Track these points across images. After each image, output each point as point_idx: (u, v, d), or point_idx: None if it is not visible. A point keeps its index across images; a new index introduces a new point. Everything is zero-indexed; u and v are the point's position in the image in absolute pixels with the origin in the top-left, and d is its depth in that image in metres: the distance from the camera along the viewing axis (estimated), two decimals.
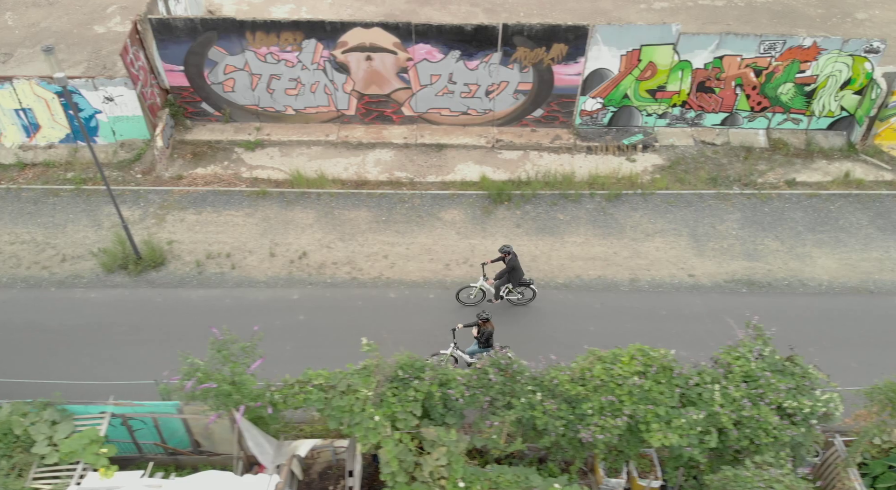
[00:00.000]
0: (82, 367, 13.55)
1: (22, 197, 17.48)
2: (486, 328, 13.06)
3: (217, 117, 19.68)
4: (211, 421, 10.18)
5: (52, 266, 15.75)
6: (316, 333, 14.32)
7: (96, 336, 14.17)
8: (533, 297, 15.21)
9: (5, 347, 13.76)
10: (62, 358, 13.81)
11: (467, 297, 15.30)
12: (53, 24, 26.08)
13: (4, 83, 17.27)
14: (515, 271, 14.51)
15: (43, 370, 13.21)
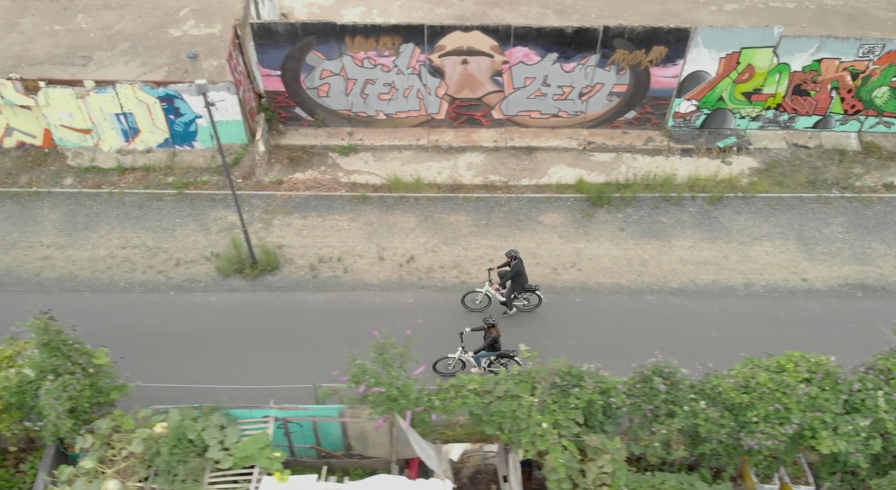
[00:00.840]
0: (213, 370, 13.67)
1: (126, 201, 17.72)
2: (492, 333, 13.24)
3: (309, 122, 19.82)
4: (379, 425, 10.31)
5: (167, 270, 15.97)
6: (436, 337, 14.35)
7: (223, 339, 14.35)
8: (539, 304, 15.19)
9: (134, 351, 13.93)
10: (194, 361, 13.98)
11: (472, 302, 15.32)
12: (127, 27, 26.33)
13: (107, 87, 17.52)
14: (520, 276, 14.58)
15: (178, 374, 13.37)
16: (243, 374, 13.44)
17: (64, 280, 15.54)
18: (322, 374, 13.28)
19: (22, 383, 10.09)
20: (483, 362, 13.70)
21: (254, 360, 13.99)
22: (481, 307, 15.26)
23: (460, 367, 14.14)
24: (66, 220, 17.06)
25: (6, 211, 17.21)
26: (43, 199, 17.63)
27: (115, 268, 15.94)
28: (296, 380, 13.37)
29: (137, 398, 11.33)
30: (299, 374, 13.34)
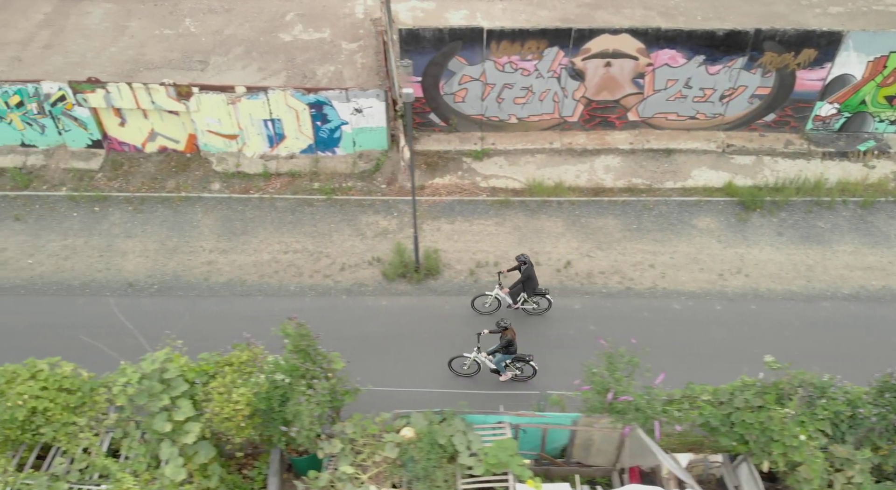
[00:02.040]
0: (399, 373, 13.80)
1: (277, 206, 17.93)
2: (507, 335, 13.26)
3: (441, 128, 19.93)
4: (625, 433, 10.35)
5: (334, 274, 16.13)
6: (619, 344, 14.24)
7: (403, 343, 14.43)
8: (548, 308, 15.17)
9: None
10: (380, 364, 14.04)
11: (482, 306, 15.40)
12: (237, 31, 26.60)
13: (259, 94, 17.71)
14: (530, 280, 14.52)
15: (370, 377, 13.38)
16: (433, 378, 13.56)
17: (234, 284, 15.77)
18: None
19: (272, 389, 10.26)
20: (503, 365, 13.76)
21: (438, 364, 14.08)
22: (491, 310, 15.36)
23: (475, 368, 14.29)
24: (223, 225, 17.31)
25: (160, 216, 17.50)
26: (194, 204, 17.90)
27: (282, 272, 16.14)
28: (490, 386, 13.55)
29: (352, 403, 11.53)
30: (494, 380, 13.68)
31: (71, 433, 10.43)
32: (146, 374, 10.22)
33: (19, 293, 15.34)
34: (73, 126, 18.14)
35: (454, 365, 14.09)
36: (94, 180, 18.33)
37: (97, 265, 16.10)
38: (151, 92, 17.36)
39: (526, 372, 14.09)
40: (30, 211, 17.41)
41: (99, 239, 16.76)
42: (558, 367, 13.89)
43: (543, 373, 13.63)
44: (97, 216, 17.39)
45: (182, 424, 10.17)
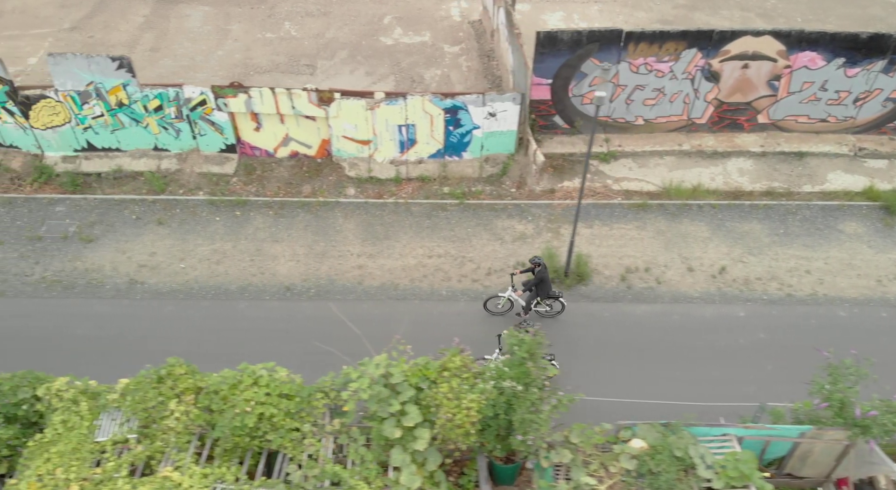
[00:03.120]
0: (577, 380, 13.54)
1: (412, 211, 17.96)
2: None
3: (564, 130, 19.85)
4: (872, 447, 10.21)
5: (481, 279, 16.12)
6: (794, 353, 14.12)
7: (570, 350, 14.31)
8: (562, 310, 15.23)
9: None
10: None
11: (495, 307, 15.45)
12: (338, 35, 26.71)
13: (398, 99, 17.73)
14: (544, 283, 14.45)
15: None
16: (617, 388, 13.47)
17: (387, 288, 15.82)
18: (692, 389, 13.38)
19: (498, 395, 10.26)
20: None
21: (606, 371, 14.01)
22: (503, 311, 15.42)
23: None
24: (364, 230, 17.38)
25: (303, 220, 17.61)
26: (333, 209, 17.99)
27: (431, 276, 16.16)
28: (663, 395, 13.45)
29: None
30: (668, 389, 13.57)
31: (295, 439, 10.52)
32: (374, 379, 10.27)
33: (178, 297, 15.51)
34: (209, 130, 18.31)
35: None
36: (230, 185, 18.49)
37: (250, 269, 16.24)
38: (293, 97, 17.43)
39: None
40: (171, 215, 17.61)
41: (246, 243, 16.91)
42: (740, 378, 13.84)
43: (727, 384, 13.57)
44: (239, 220, 17.54)
45: (411, 430, 10.21)
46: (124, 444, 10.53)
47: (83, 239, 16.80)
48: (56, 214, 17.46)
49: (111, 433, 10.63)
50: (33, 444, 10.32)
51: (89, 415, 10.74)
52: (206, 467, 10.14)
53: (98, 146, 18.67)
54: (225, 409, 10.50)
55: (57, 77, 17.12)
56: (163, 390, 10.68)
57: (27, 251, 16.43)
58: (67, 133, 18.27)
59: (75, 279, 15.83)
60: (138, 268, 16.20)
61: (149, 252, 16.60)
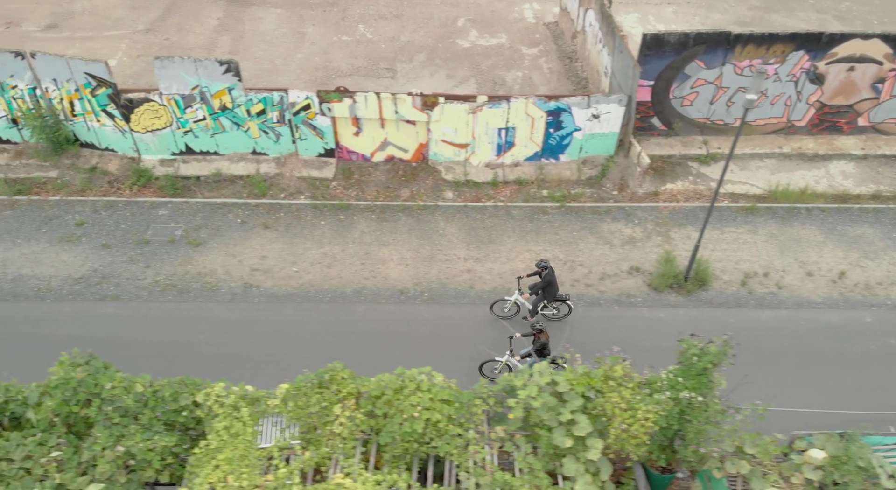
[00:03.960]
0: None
1: (513, 214, 17.82)
2: (541, 338, 13.19)
3: (661, 132, 19.65)
4: None
5: (595, 284, 15.96)
6: None
7: None
8: (568, 313, 15.09)
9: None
10: None
11: (501, 310, 15.24)
12: (413, 37, 26.65)
13: (500, 103, 17.60)
14: (551, 286, 14.33)
15: None
16: (769, 396, 13.23)
17: (499, 293, 15.63)
18: (831, 396, 13.10)
19: (672, 406, 10.09)
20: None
21: (755, 380, 13.69)
22: (510, 315, 15.17)
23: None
24: (467, 233, 17.26)
25: (405, 224, 17.53)
26: (433, 213, 17.90)
27: None
28: (804, 402, 13.19)
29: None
30: (807, 397, 13.29)
31: (459, 446, 10.40)
32: (542, 387, 10.13)
33: (295, 301, 15.46)
34: (309, 135, 18.28)
35: (485, 369, 14.18)
36: (330, 189, 18.44)
37: (362, 273, 16.17)
38: (398, 102, 17.35)
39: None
40: (276, 219, 17.59)
41: (354, 247, 16.85)
42: (877, 384, 13.54)
43: (864, 391, 13.28)
44: (344, 224, 17.49)
45: (582, 440, 10.05)
46: (290, 451, 10.47)
47: (191, 243, 16.82)
48: (160, 218, 17.50)
49: (274, 439, 10.59)
50: (199, 451, 10.26)
51: (250, 421, 10.69)
52: (378, 474, 10.04)
53: (196, 150, 18.71)
54: (390, 414, 10.41)
55: (162, 81, 17.16)
56: (326, 395, 10.62)
57: (136, 255, 16.47)
58: (167, 136, 18.32)
59: (189, 283, 15.84)
60: (251, 271, 16.19)
61: (259, 256, 16.59)
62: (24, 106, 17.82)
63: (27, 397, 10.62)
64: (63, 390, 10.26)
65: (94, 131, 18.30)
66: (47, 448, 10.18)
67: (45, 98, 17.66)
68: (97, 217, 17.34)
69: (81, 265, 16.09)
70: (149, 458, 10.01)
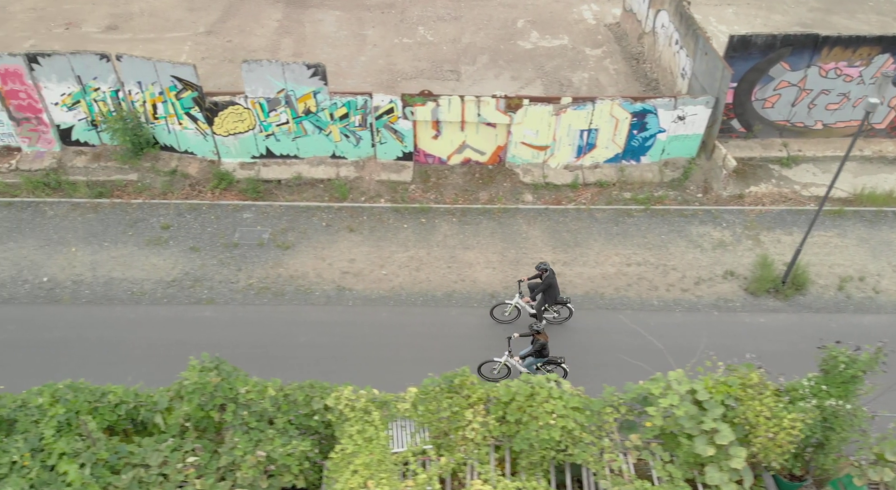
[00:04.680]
0: None
1: (596, 217, 17.68)
2: (539, 339, 13.13)
3: (739, 134, 19.47)
4: None
5: (691, 289, 15.80)
6: None
7: (799, 361, 14.02)
8: (569, 316, 15.01)
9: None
10: None
11: (501, 315, 15.15)
12: (474, 39, 26.54)
13: (585, 104, 17.50)
14: (552, 289, 14.27)
15: None
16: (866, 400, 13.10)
17: (593, 297, 15.58)
18: None
19: (817, 414, 9.98)
20: (534, 369, 13.86)
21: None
22: (510, 319, 15.11)
23: (506, 371, 14.15)
24: (552, 237, 17.17)
25: (487, 227, 17.44)
26: (514, 216, 17.81)
27: (636, 285, 15.88)
28: None
29: None
30: None
31: (595, 454, 10.31)
32: (682, 395, 10.02)
33: (388, 304, 15.40)
34: (389, 138, 18.24)
35: (483, 370, 14.12)
36: (409, 192, 18.40)
37: (450, 276, 16.11)
38: (481, 104, 17.29)
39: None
40: (360, 222, 17.56)
41: (439, 250, 16.79)
42: None
43: None
44: (426, 227, 17.44)
45: (724, 449, 9.94)
46: (424, 456, 10.42)
47: (279, 246, 16.82)
48: (245, 221, 17.51)
49: (406, 444, 10.54)
50: (336, 455, 10.23)
51: (381, 425, 10.65)
52: (516, 480, 9.97)
53: (276, 153, 18.71)
54: (524, 420, 10.34)
55: (249, 84, 17.17)
56: (455, 400, 10.56)
57: (226, 258, 16.48)
58: (249, 140, 18.34)
59: (282, 286, 15.83)
60: (342, 274, 16.16)
61: (347, 259, 16.56)
62: (104, 108, 17.94)
63: (156, 402, 10.67)
64: (200, 395, 10.27)
65: (174, 134, 18.36)
66: (182, 453, 10.21)
67: (128, 100, 17.76)
68: (182, 220, 17.39)
69: (172, 268, 16.13)
70: (288, 462, 9.97)
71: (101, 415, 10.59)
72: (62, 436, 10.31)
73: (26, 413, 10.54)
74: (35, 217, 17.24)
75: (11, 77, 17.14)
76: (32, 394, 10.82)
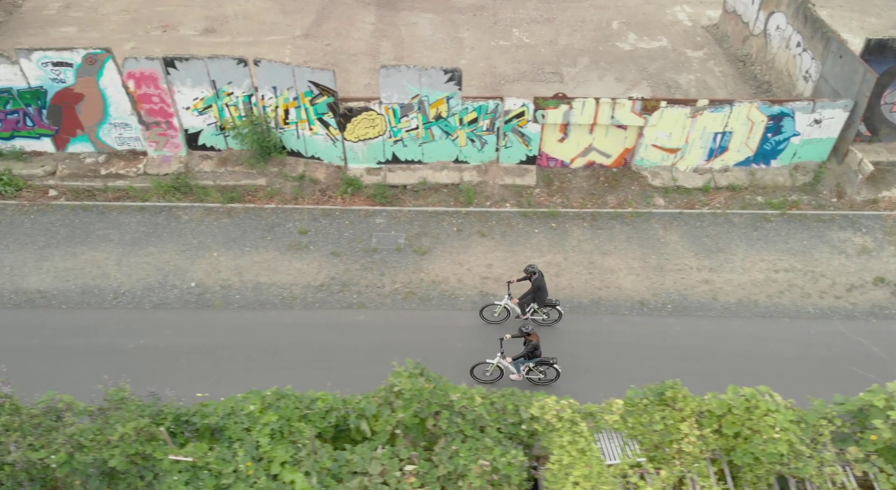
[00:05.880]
0: None
1: (734, 222, 17.45)
2: (532, 340, 13.25)
3: (864, 138, 19.15)
4: None
5: (844, 296, 15.53)
6: None
7: None
8: (559, 319, 15.07)
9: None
10: None
11: (491, 315, 15.23)
12: (571, 41, 26.26)
13: (723, 106, 17.28)
14: (541, 291, 14.37)
15: None
16: None
17: (747, 305, 15.37)
18: None
19: None
20: (522, 369, 13.92)
21: None
22: (500, 320, 15.17)
23: (498, 373, 14.16)
24: (691, 242, 16.97)
25: (621, 232, 17.29)
26: (648, 220, 17.60)
27: (787, 292, 15.65)
28: None
29: None
30: None
31: (815, 467, 10.14)
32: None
33: None
34: (515, 142, 18.14)
35: (476, 372, 14.13)
36: (534, 196, 18.30)
37: (593, 282, 15.98)
38: (616, 107, 17.15)
39: (549, 375, 14.16)
40: (490, 227, 17.48)
41: (576, 256, 16.67)
42: None
43: None
44: (558, 232, 17.32)
45: None
46: (640, 468, 10.32)
47: (416, 251, 16.78)
48: (378, 226, 17.49)
49: (618, 456, 10.45)
50: (553, 466, 10.16)
51: (589, 436, 10.57)
52: None
53: (401, 158, 18.69)
54: (744, 433, 10.19)
55: (385, 89, 17.15)
56: (668, 412, 10.45)
57: (367, 263, 16.47)
58: (377, 145, 18.32)
59: (427, 291, 15.79)
60: (482, 280, 16.07)
61: (485, 264, 16.48)
62: (234, 113, 18.01)
63: (364, 409, 10.65)
64: (416, 401, 10.23)
65: (303, 139, 18.39)
66: (398, 461, 10.18)
67: (259, 105, 17.82)
68: (317, 225, 17.41)
69: (317, 273, 16.15)
70: (509, 472, 9.92)
71: (311, 422, 10.61)
72: (277, 444, 10.36)
73: (236, 421, 10.61)
74: (170, 221, 17.36)
75: (146, 81, 17.27)
76: (239, 401, 10.90)
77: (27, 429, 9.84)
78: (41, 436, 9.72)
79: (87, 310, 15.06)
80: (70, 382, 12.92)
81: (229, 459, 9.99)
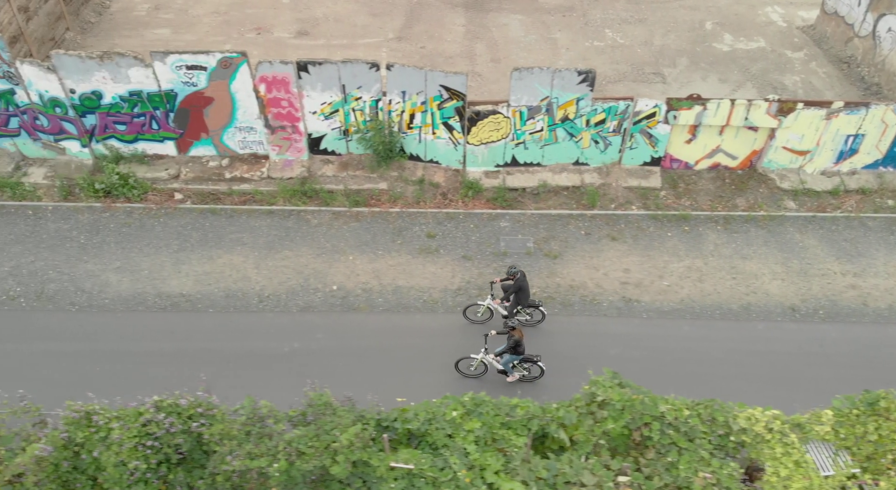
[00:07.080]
0: None
1: (869, 226, 17.09)
2: (514, 336, 13.23)
3: None
4: None
5: None
6: None
7: None
8: (542, 319, 15.03)
9: None
10: None
11: (474, 315, 15.27)
12: (665, 41, 25.88)
13: (859, 109, 16.96)
14: (522, 291, 14.32)
15: None
16: None
17: None
18: None
19: None
20: (510, 367, 13.78)
21: None
22: (483, 319, 15.20)
23: (482, 369, 14.29)
24: (829, 246, 16.63)
25: (756, 235, 16.95)
26: (782, 223, 17.29)
27: None
28: None
29: None
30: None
31: None
32: None
33: (685, 317, 15.05)
34: (641, 143, 17.94)
35: (461, 366, 14.23)
36: (661, 199, 18.09)
37: (739, 288, 15.72)
38: (751, 108, 16.89)
39: (533, 372, 14.12)
40: (619, 230, 17.27)
41: (715, 260, 16.41)
42: None
43: None
44: (691, 236, 17.08)
45: None
46: (857, 480, 10.10)
47: (547, 255, 16.63)
48: (504, 230, 17.36)
49: (831, 468, 10.23)
50: (772, 478, 9.95)
51: (800, 447, 10.36)
52: None
53: (520, 161, 18.55)
54: None
55: (515, 92, 17.01)
56: (882, 423, 10.22)
57: (500, 267, 16.28)
58: (498, 149, 18.18)
59: (567, 296, 15.62)
60: (621, 285, 15.89)
61: (621, 269, 16.29)
62: (360, 117, 17.97)
63: (563, 418, 10.53)
64: (629, 413, 10.09)
65: (424, 143, 18.33)
66: (610, 472, 10.04)
67: (386, 110, 17.77)
68: (443, 229, 17.32)
69: (452, 277, 16.06)
70: (729, 485, 9.73)
71: (512, 429, 10.51)
72: (484, 451, 10.26)
73: (437, 427, 10.53)
74: (300, 225, 17.37)
75: (278, 85, 17.29)
76: (438, 406, 10.81)
77: (241, 437, 9.84)
78: (259, 443, 9.72)
79: (234, 313, 15.11)
80: (230, 387, 12.97)
81: (442, 467, 9.92)
